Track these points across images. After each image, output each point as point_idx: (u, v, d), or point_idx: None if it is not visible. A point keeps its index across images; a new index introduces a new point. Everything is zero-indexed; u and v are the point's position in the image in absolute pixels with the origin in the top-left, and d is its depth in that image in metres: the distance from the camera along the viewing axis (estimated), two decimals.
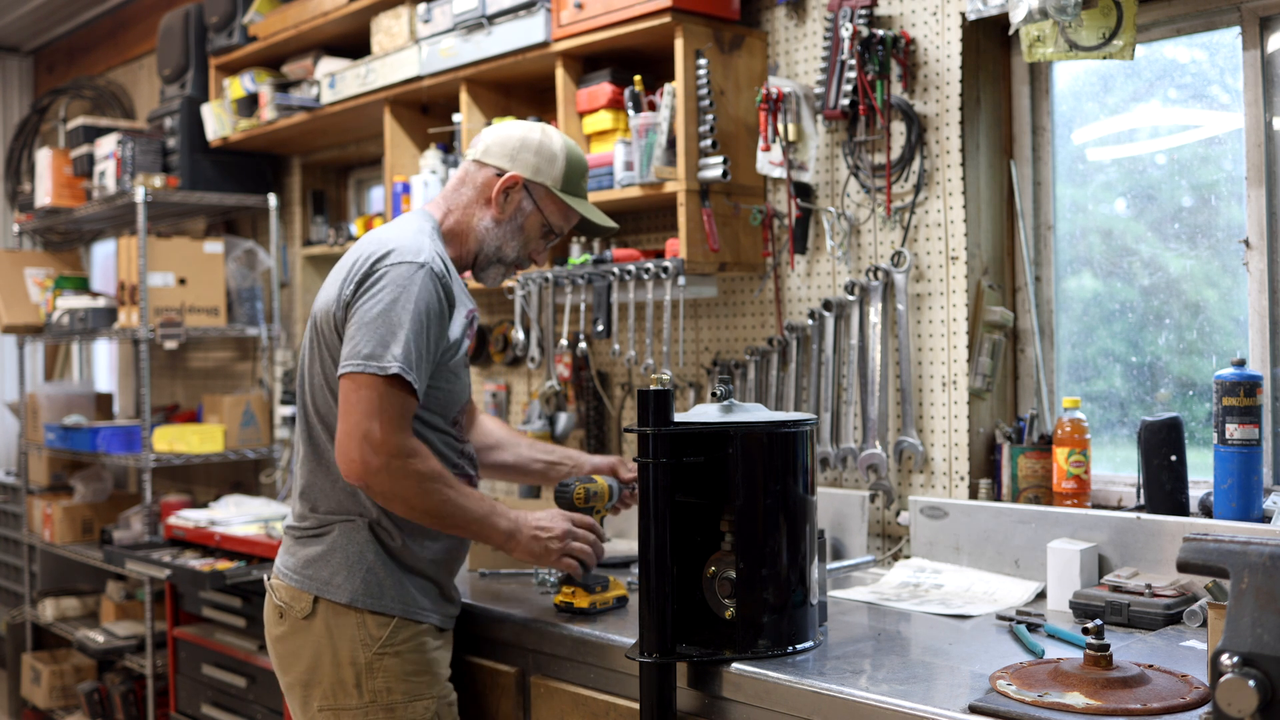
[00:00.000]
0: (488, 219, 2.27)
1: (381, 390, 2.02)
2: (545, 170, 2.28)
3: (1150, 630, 2.10)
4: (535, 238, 2.32)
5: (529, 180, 2.27)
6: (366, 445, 2.01)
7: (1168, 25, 2.55)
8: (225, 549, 3.64)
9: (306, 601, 2.16)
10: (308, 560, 2.18)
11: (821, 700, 1.81)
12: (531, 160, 2.27)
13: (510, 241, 2.29)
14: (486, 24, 3.22)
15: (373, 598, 2.14)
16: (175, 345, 4.43)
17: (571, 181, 2.31)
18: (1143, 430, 2.39)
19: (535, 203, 2.29)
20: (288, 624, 2.19)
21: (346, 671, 2.13)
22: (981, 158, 2.72)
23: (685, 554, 1.96)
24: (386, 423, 2.02)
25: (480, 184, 2.28)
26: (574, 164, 2.31)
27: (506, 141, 2.29)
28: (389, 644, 2.14)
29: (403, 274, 2.07)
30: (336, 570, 2.15)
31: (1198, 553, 1.55)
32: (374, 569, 2.14)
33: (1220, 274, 2.53)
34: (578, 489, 2.32)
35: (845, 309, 2.85)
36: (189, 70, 4.56)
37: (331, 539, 2.17)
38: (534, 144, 2.28)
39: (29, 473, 5.51)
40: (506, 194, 2.26)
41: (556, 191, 2.29)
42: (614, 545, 3.16)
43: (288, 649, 2.20)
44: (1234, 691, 1.39)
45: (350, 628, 2.14)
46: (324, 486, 2.19)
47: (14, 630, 5.53)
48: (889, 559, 2.76)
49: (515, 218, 2.28)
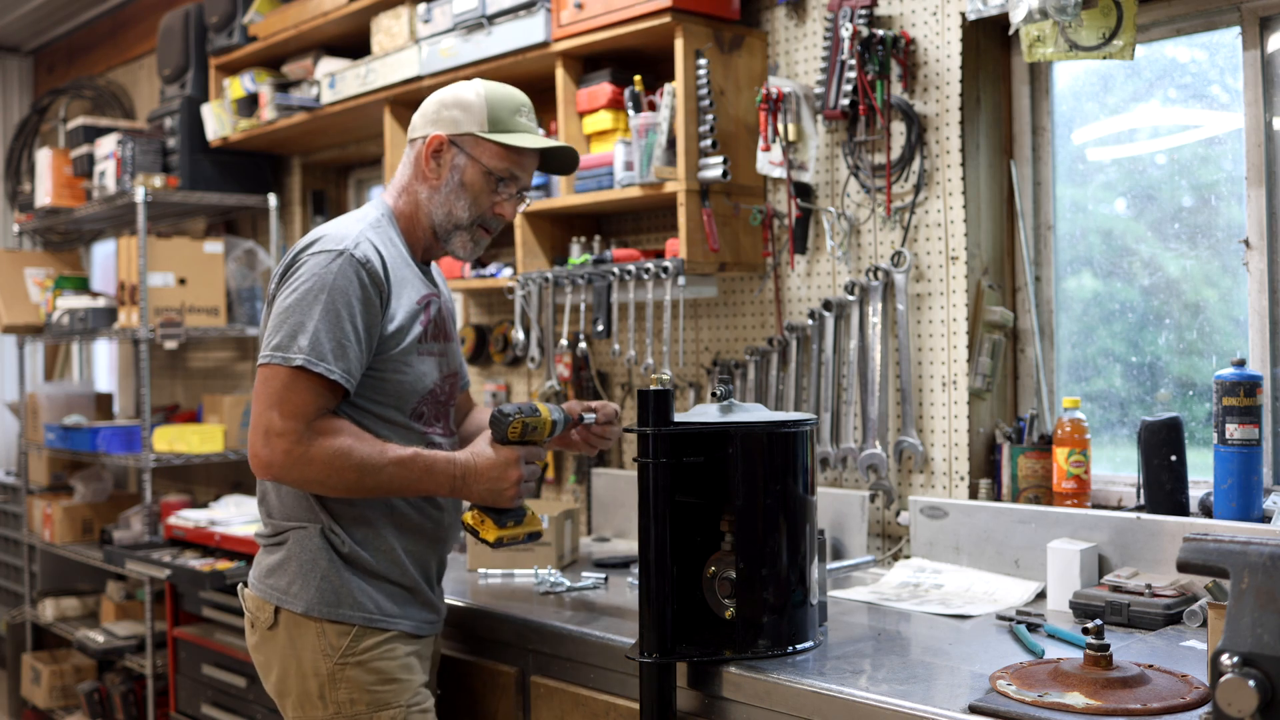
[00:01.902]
0: (425, 189, 2.20)
1: (285, 380, 1.97)
2: (465, 120, 2.17)
3: (1150, 630, 2.10)
4: (483, 191, 2.19)
5: (452, 136, 2.18)
6: (267, 436, 1.97)
7: (1168, 25, 2.55)
8: (225, 549, 3.64)
9: (269, 611, 2.11)
10: (269, 569, 2.13)
11: (821, 700, 1.81)
12: (450, 115, 2.18)
13: (457, 203, 2.19)
14: (486, 24, 3.22)
15: (329, 606, 2.07)
16: (175, 345, 4.43)
17: (498, 120, 2.18)
18: (1143, 430, 2.39)
19: (468, 154, 2.18)
20: (257, 634, 2.15)
21: (311, 682, 2.08)
22: (981, 158, 2.72)
23: (685, 554, 1.96)
24: (287, 413, 1.96)
25: (414, 160, 2.22)
26: (496, 102, 2.19)
27: (425, 110, 2.23)
28: (350, 654, 2.07)
29: (319, 263, 2.03)
30: (293, 579, 2.09)
31: (1198, 553, 1.55)
32: (328, 576, 2.08)
33: (1220, 274, 2.53)
34: (514, 423, 2.08)
35: (845, 309, 2.85)
36: (189, 70, 4.56)
37: (287, 548, 2.11)
38: (449, 100, 2.20)
39: (29, 473, 5.51)
40: (437, 158, 2.18)
41: (482, 135, 2.17)
42: (614, 545, 3.16)
43: (260, 659, 2.17)
44: (1234, 691, 1.39)
45: (311, 637, 2.08)
46: (274, 492, 2.15)
47: (14, 630, 5.52)
48: (889, 559, 2.76)
49: (452, 176, 2.18)
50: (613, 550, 3.05)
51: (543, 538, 2.36)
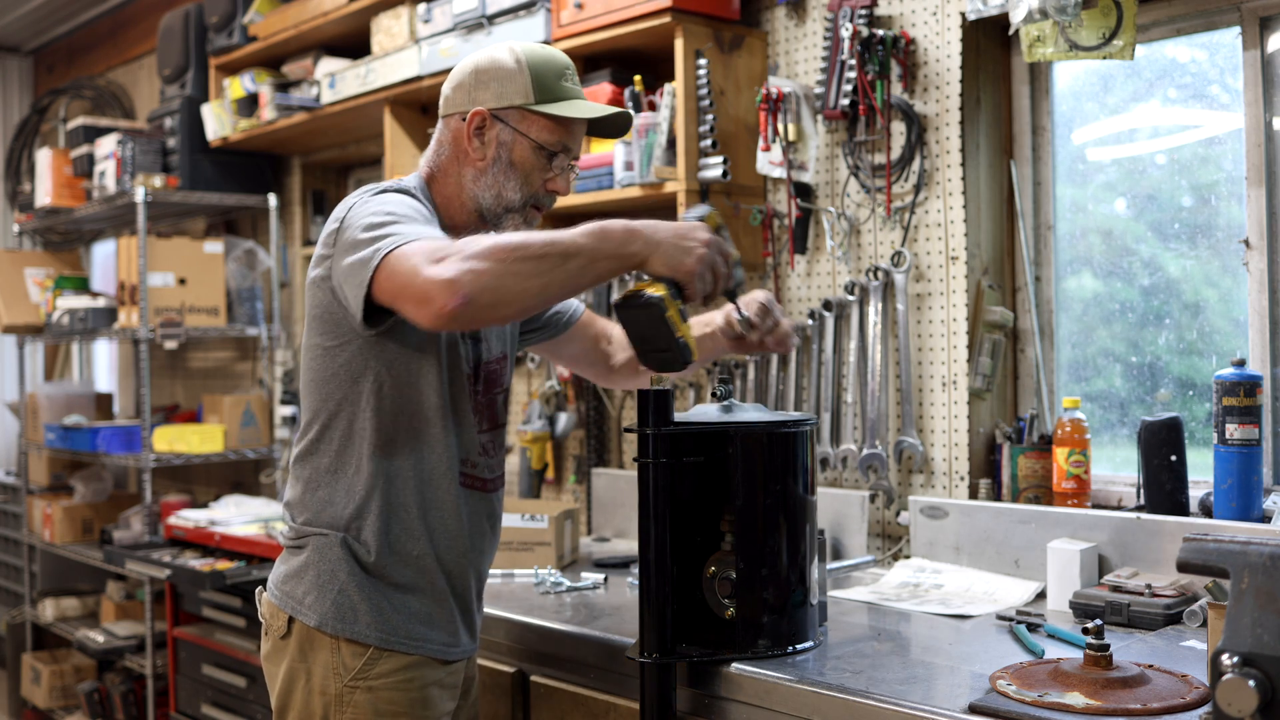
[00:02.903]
0: (469, 171, 1.98)
1: (401, 255, 1.68)
2: (508, 90, 1.95)
3: (1150, 630, 2.10)
4: (535, 168, 1.97)
5: (496, 109, 1.95)
6: (430, 283, 1.64)
7: (1168, 25, 2.55)
8: (225, 549, 3.64)
9: (283, 620, 1.93)
10: (287, 575, 1.95)
11: (821, 700, 1.81)
12: (491, 87, 1.96)
13: (507, 184, 1.96)
14: (486, 24, 3.22)
15: (344, 623, 1.88)
16: (175, 345, 4.43)
17: (545, 89, 1.96)
18: (1143, 430, 2.39)
19: (515, 129, 1.96)
20: (270, 642, 1.98)
21: (316, 701, 1.89)
22: (981, 158, 2.72)
23: (685, 554, 1.96)
24: (423, 260, 1.66)
25: (452, 138, 1.99)
26: (539, 68, 1.96)
27: (459, 81, 2.00)
28: (362, 676, 1.88)
29: (365, 197, 1.87)
30: (310, 589, 1.90)
31: (1198, 553, 1.55)
32: (346, 590, 1.88)
33: (1220, 274, 2.53)
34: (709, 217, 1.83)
35: (845, 309, 2.85)
36: (189, 70, 4.56)
37: (307, 554, 1.92)
38: (487, 68, 1.97)
39: (29, 473, 5.51)
40: (480, 134, 1.96)
41: (531, 107, 1.95)
42: (614, 545, 3.16)
43: (270, 668, 1.99)
44: (1234, 691, 1.39)
45: (324, 653, 1.89)
46: (300, 491, 1.96)
47: (14, 630, 5.52)
48: (889, 559, 2.76)
49: (500, 155, 1.96)
50: (613, 550, 3.05)
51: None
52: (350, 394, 1.91)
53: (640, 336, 1.82)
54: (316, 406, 1.95)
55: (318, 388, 1.95)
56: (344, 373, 1.91)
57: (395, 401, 1.91)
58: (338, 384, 1.92)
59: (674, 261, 1.75)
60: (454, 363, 1.95)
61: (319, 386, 1.94)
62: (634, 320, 1.80)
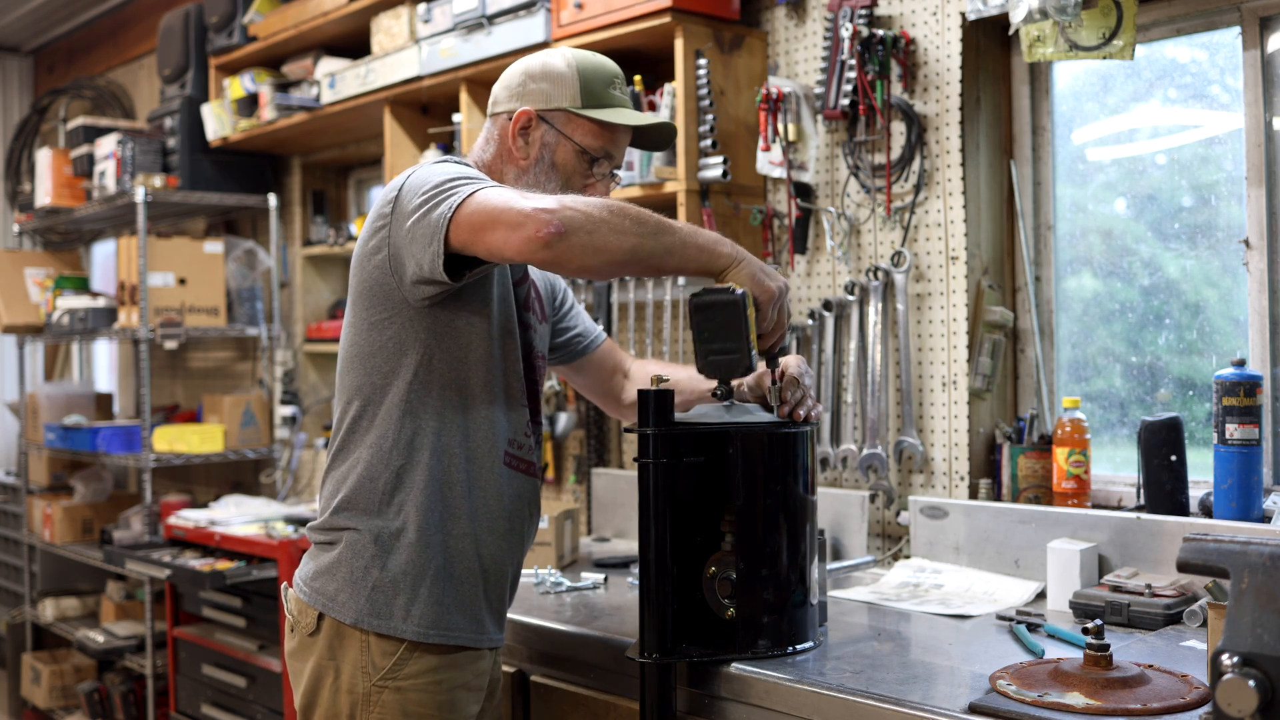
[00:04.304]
0: (512, 170, 2.00)
1: (482, 199, 1.73)
2: (555, 93, 1.98)
3: (1150, 630, 2.10)
4: (576, 171, 1.99)
5: (542, 110, 1.97)
6: (523, 215, 1.69)
7: (1168, 25, 2.55)
8: (225, 549, 3.64)
9: (312, 616, 1.92)
10: (316, 571, 1.94)
11: (821, 700, 1.81)
12: (538, 88, 1.98)
13: (548, 184, 1.98)
14: (486, 24, 3.22)
15: (380, 619, 1.87)
16: (175, 345, 4.43)
17: (592, 94, 1.98)
18: (1143, 430, 2.39)
19: (559, 131, 1.98)
20: (296, 639, 1.96)
21: (343, 700, 1.88)
22: (981, 158, 2.72)
23: (685, 554, 1.96)
24: (512, 199, 1.72)
25: (498, 136, 2.02)
26: (589, 73, 1.99)
27: (509, 81, 2.03)
28: (392, 676, 1.87)
29: (424, 167, 1.87)
30: (342, 586, 1.90)
31: (1198, 553, 1.55)
32: (380, 586, 1.88)
33: (1220, 274, 2.53)
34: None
35: (845, 309, 2.85)
36: (189, 70, 4.56)
37: (339, 551, 1.91)
38: (537, 71, 2.00)
39: (29, 473, 5.51)
40: (525, 135, 1.98)
41: (576, 110, 1.97)
42: (614, 545, 3.16)
43: (295, 666, 1.98)
44: (1234, 691, 1.39)
45: (354, 651, 1.88)
46: (336, 481, 1.95)
47: (14, 630, 5.53)
48: (889, 559, 2.76)
49: (543, 156, 1.98)
50: (613, 550, 3.05)
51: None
52: (397, 367, 1.90)
53: (710, 332, 1.84)
54: (359, 382, 1.93)
55: (361, 363, 1.93)
56: (392, 345, 1.90)
57: (445, 375, 1.90)
58: (385, 357, 1.91)
59: (757, 280, 1.83)
60: (506, 341, 1.96)
61: (362, 361, 1.93)
62: (711, 312, 1.83)
